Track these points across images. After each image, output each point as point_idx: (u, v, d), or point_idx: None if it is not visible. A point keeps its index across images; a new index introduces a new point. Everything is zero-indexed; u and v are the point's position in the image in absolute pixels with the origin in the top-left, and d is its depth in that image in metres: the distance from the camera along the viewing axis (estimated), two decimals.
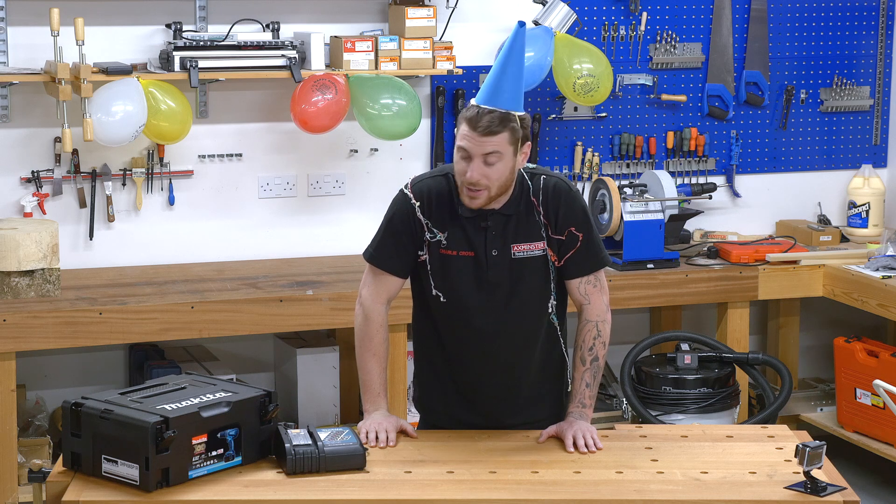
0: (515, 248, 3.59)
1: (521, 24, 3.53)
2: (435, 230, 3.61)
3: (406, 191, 3.65)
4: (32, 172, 5.31)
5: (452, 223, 3.61)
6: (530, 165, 3.67)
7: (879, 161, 6.38)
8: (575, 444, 3.55)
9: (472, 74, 5.78)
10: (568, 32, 5.67)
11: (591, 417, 3.65)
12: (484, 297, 3.61)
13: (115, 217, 5.42)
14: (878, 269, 5.58)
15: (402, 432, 3.63)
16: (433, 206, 3.61)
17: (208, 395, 3.42)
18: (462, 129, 3.49)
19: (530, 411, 3.73)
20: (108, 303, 4.92)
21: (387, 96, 5.36)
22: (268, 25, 5.41)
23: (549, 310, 3.69)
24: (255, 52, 5.27)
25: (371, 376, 3.68)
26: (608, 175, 5.97)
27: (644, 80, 6.02)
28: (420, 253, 3.64)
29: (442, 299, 3.65)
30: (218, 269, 5.42)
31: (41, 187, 5.32)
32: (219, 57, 5.23)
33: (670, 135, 6.07)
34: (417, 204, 3.62)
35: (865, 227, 6.15)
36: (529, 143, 3.56)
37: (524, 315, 3.65)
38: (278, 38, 5.37)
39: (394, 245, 3.66)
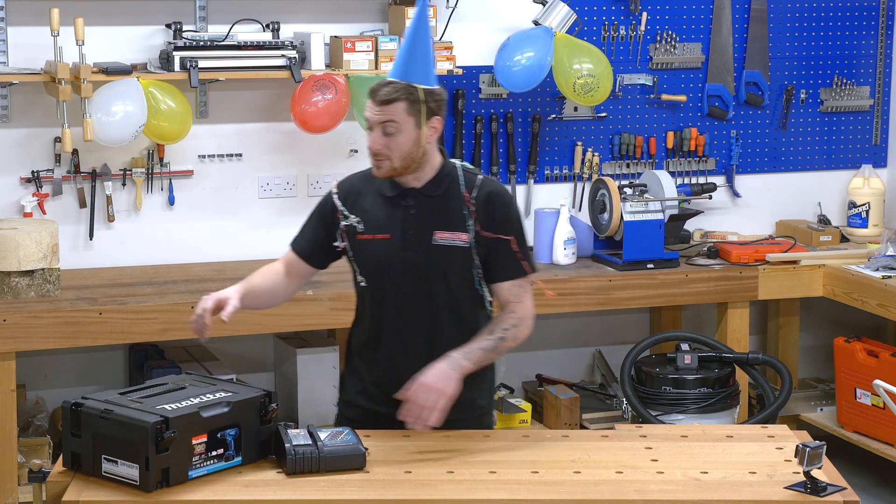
0: (438, 234, 3.59)
1: (423, 1, 3.58)
2: (348, 214, 3.64)
3: (337, 183, 3.74)
4: (32, 172, 5.31)
5: (373, 207, 3.63)
6: (469, 166, 3.67)
7: (879, 161, 6.38)
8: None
9: (473, 74, 5.78)
10: (568, 32, 5.67)
11: (465, 372, 3.53)
12: (402, 280, 3.61)
13: (115, 217, 5.42)
14: (878, 269, 5.58)
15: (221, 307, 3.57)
16: (353, 192, 3.67)
17: (208, 395, 3.42)
18: (368, 103, 3.55)
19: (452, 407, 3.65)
20: (108, 303, 4.92)
21: None
22: (268, 25, 5.41)
23: (472, 304, 3.66)
24: (255, 52, 5.27)
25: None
26: (608, 175, 5.97)
27: (644, 80, 6.02)
28: (336, 244, 3.67)
29: (363, 284, 3.67)
30: (218, 269, 5.42)
31: (41, 187, 5.32)
32: (219, 57, 5.24)
33: (670, 135, 6.08)
34: (336, 192, 3.69)
35: (865, 227, 6.15)
36: (440, 118, 3.57)
37: (444, 304, 3.62)
38: (278, 38, 5.37)
39: (308, 230, 3.74)
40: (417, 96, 3.51)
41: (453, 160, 3.67)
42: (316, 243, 3.72)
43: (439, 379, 3.50)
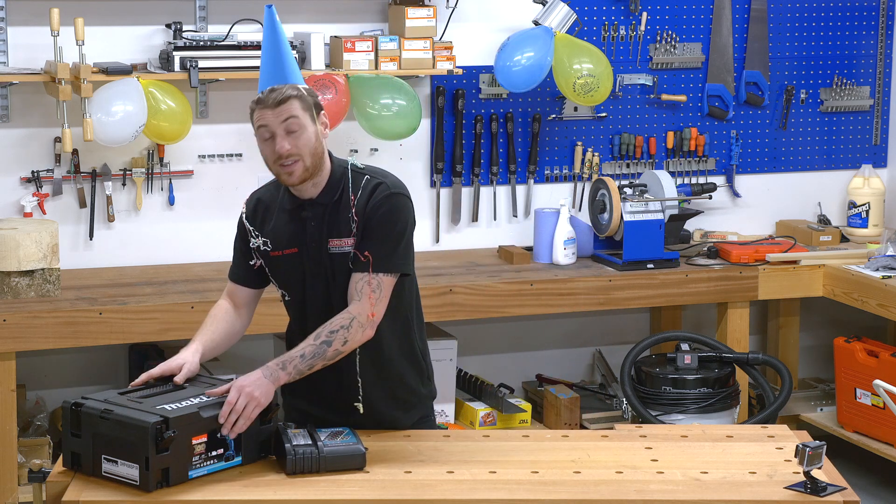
0: (331, 242, 3.56)
1: (269, 6, 3.56)
2: (257, 235, 3.64)
3: (244, 202, 3.72)
4: (32, 172, 5.31)
5: (279, 223, 3.62)
6: (359, 166, 3.61)
7: (879, 161, 6.38)
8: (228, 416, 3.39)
9: (473, 74, 5.79)
10: (568, 32, 5.67)
11: (280, 384, 3.46)
12: (312, 293, 3.60)
13: (115, 217, 5.42)
14: (878, 269, 5.58)
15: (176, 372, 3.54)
16: (260, 208, 3.66)
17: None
18: (257, 116, 3.51)
19: (374, 409, 3.64)
20: (108, 303, 4.92)
21: (387, 96, 5.36)
22: None
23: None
24: (255, 52, 5.27)
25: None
26: (608, 175, 5.97)
27: (644, 80, 6.02)
28: (251, 262, 3.67)
29: (286, 298, 3.68)
30: (218, 269, 5.41)
31: (41, 187, 5.32)
32: (219, 57, 5.24)
33: (670, 135, 6.08)
34: (244, 210, 3.69)
35: (865, 227, 6.15)
36: (324, 112, 3.56)
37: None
38: None
39: (237, 256, 3.73)
40: (302, 92, 3.50)
41: (344, 159, 3.62)
42: (246, 266, 3.70)
43: (255, 386, 3.41)
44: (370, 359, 3.61)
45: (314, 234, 3.57)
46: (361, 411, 3.63)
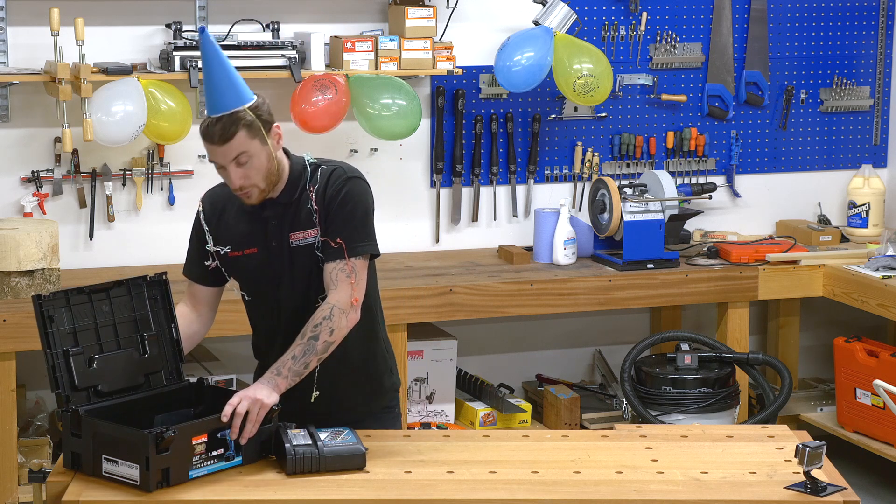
0: (293, 236, 3.56)
1: (203, 28, 3.56)
2: (214, 236, 3.64)
3: (200, 199, 3.71)
4: (32, 172, 5.31)
5: (237, 223, 3.62)
6: (313, 160, 3.61)
7: (879, 161, 6.38)
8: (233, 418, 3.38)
9: (473, 74, 5.79)
10: (568, 32, 5.67)
11: (282, 390, 3.45)
12: (275, 290, 3.61)
13: (115, 217, 5.42)
14: (878, 269, 5.59)
15: None
16: (217, 207, 3.65)
17: None
18: (206, 148, 3.50)
19: (340, 402, 3.65)
20: None
21: (387, 96, 5.36)
22: (268, 25, 5.42)
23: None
24: (254, 52, 5.27)
25: None
26: (608, 175, 5.97)
27: (644, 80, 6.02)
28: (206, 262, 3.66)
29: (247, 298, 3.68)
30: None
31: (41, 187, 5.32)
32: None
33: (670, 135, 6.08)
34: (200, 208, 3.69)
35: (865, 227, 6.15)
36: (276, 124, 3.52)
37: (309, 304, 3.59)
38: (278, 38, 5.37)
39: (192, 252, 3.71)
40: (249, 118, 3.46)
41: (300, 156, 3.62)
42: (202, 266, 3.69)
43: (256, 391, 3.41)
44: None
45: (275, 232, 3.57)
46: (312, 400, 3.60)
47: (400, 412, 3.82)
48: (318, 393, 3.61)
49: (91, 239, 5.42)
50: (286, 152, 3.60)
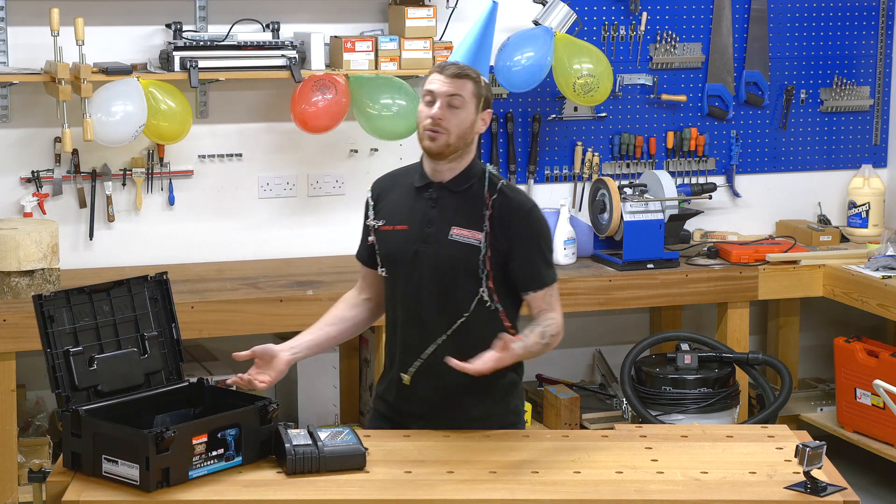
0: (455, 230, 3.63)
1: (495, 3, 3.75)
2: (375, 213, 3.72)
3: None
4: (32, 172, 5.31)
5: (399, 199, 3.70)
6: (495, 172, 3.69)
7: (879, 161, 6.38)
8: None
9: None
10: (568, 32, 5.67)
11: (517, 357, 3.55)
12: (414, 271, 3.64)
13: (115, 217, 5.42)
14: (878, 269, 5.59)
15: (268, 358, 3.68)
16: (385, 188, 3.75)
17: None
18: (431, 77, 3.62)
19: (463, 405, 3.67)
20: None
21: (387, 96, 5.36)
22: (268, 25, 5.42)
23: (479, 302, 3.64)
24: (255, 52, 5.27)
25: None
26: (608, 175, 5.97)
27: (644, 80, 6.02)
28: (369, 238, 3.76)
29: (384, 275, 3.73)
30: (218, 269, 5.42)
31: (41, 187, 5.32)
32: (219, 57, 5.24)
33: (670, 135, 6.08)
34: (369, 190, 3.78)
35: (865, 227, 6.15)
36: (490, 111, 3.66)
37: (452, 299, 3.63)
38: (278, 38, 5.37)
39: (363, 236, 3.81)
40: (481, 82, 3.63)
41: (483, 163, 3.71)
42: (366, 244, 3.79)
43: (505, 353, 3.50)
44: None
45: (434, 217, 3.64)
46: (406, 381, 3.67)
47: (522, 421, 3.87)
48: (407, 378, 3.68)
49: (91, 239, 5.42)
50: (476, 153, 3.70)
